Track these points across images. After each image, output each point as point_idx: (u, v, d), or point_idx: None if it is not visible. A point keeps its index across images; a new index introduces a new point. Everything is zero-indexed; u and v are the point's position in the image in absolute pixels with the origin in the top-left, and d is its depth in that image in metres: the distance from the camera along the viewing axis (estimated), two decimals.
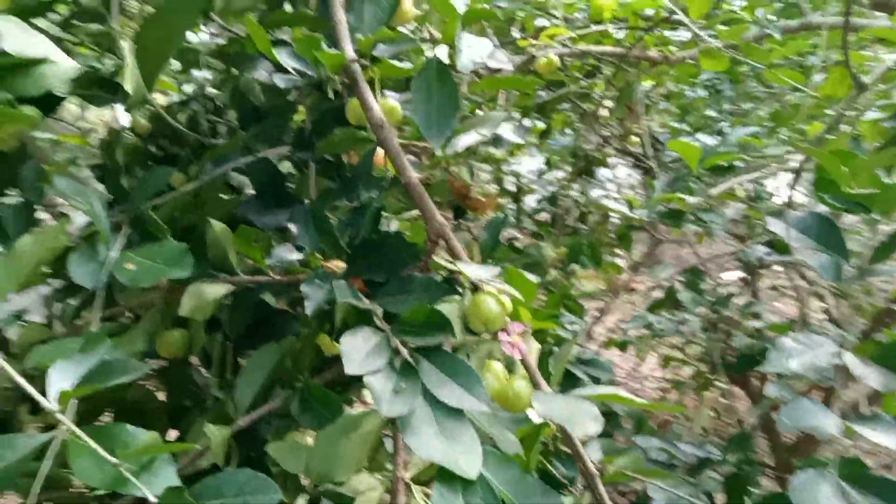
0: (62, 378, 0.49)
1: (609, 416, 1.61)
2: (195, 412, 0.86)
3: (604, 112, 2.41)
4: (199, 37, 1.22)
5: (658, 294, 2.10)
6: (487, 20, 0.87)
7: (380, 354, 0.58)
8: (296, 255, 0.72)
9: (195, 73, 1.20)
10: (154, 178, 0.73)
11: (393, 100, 0.75)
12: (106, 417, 0.96)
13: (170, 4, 0.72)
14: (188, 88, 1.18)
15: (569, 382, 1.18)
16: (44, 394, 0.47)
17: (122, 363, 0.49)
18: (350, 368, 0.54)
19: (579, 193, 2.57)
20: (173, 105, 1.11)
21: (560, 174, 2.81)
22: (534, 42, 1.54)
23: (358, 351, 0.56)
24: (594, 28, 1.73)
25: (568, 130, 2.82)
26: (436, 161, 0.85)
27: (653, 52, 1.75)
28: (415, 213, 1.37)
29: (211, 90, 1.16)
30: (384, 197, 0.73)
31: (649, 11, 1.64)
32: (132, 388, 0.93)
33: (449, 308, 0.65)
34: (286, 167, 0.93)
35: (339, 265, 0.74)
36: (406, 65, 0.77)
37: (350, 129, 0.71)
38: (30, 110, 0.92)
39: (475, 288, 0.66)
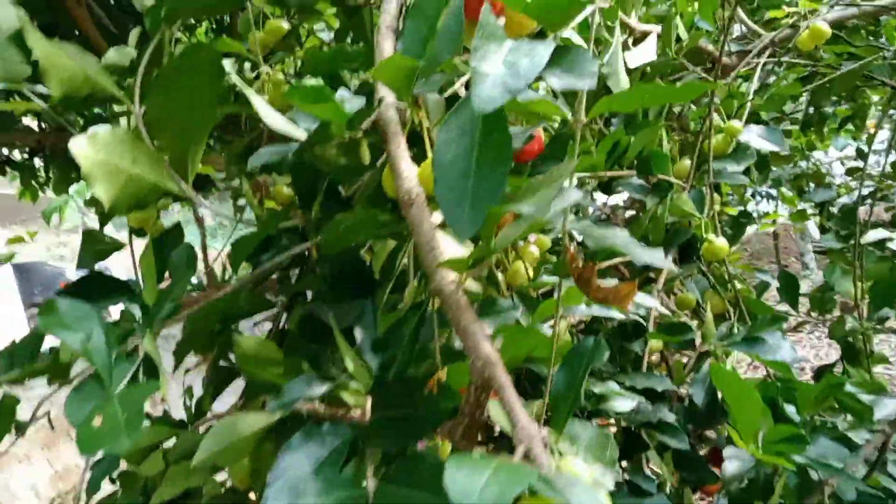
0: None
1: None
2: None
3: None
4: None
5: None
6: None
7: None
8: (320, 389, 0.51)
9: None
10: (174, 289, 0.59)
11: None
12: None
13: (185, 63, 0.58)
14: None
15: None
16: None
17: None
18: None
19: None
20: None
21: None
22: (791, 10, 1.10)
23: None
24: None
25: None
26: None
27: None
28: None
29: None
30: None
31: None
32: None
33: None
34: None
35: None
36: None
37: (367, 212, 0.48)
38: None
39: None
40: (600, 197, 1.78)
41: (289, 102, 0.89)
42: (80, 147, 0.51)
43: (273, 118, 0.53)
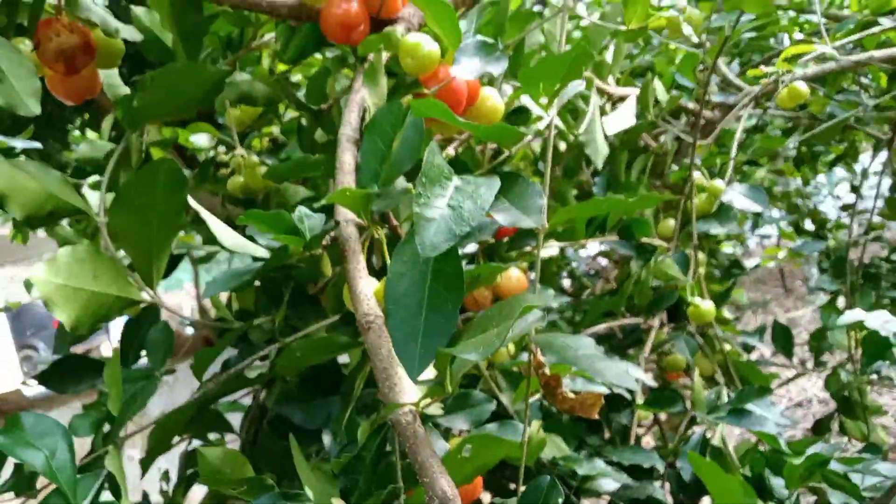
0: None
1: None
2: None
3: None
4: None
5: None
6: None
7: None
8: None
9: None
10: (137, 395, 0.58)
11: None
12: None
13: (144, 178, 0.58)
14: None
15: None
16: None
17: None
18: None
19: None
20: None
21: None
22: (767, 70, 1.10)
23: None
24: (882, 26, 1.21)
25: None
26: None
27: None
28: None
29: None
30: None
31: None
32: None
33: None
34: None
35: None
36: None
37: (321, 338, 0.47)
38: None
39: None
40: (591, 245, 1.78)
41: (265, 184, 0.89)
42: (39, 274, 0.51)
43: (230, 239, 0.53)
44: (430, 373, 0.50)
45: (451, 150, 0.76)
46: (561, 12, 0.57)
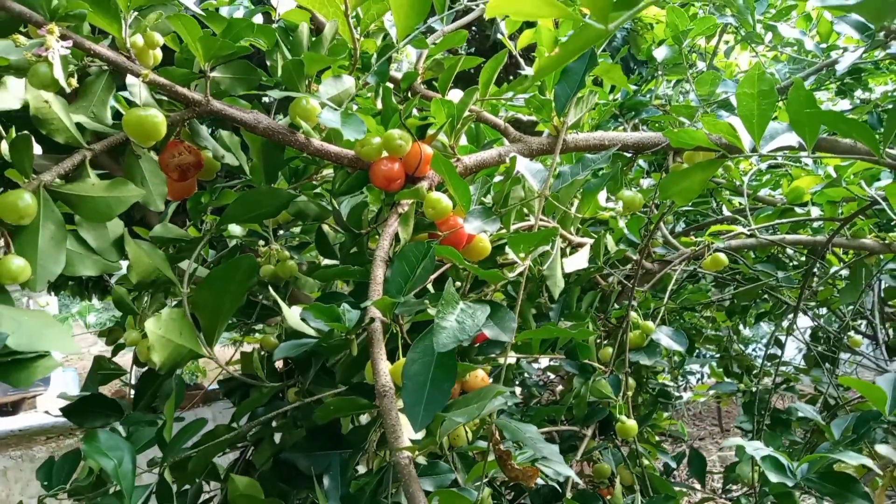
0: None
1: None
2: None
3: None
4: None
5: None
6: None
7: None
8: None
9: None
10: (190, 428, 0.76)
11: None
12: None
13: (229, 269, 0.79)
14: None
15: None
16: None
17: None
18: None
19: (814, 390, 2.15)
20: None
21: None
22: (697, 240, 1.38)
23: None
24: (795, 217, 1.52)
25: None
26: None
27: (869, 241, 1.46)
28: None
29: None
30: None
31: None
32: None
33: None
34: None
35: None
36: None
37: (348, 398, 0.67)
38: None
39: None
40: (543, 359, 2.00)
41: (292, 273, 1.10)
42: (150, 325, 0.70)
43: (293, 319, 0.74)
44: (420, 435, 0.70)
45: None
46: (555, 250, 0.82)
